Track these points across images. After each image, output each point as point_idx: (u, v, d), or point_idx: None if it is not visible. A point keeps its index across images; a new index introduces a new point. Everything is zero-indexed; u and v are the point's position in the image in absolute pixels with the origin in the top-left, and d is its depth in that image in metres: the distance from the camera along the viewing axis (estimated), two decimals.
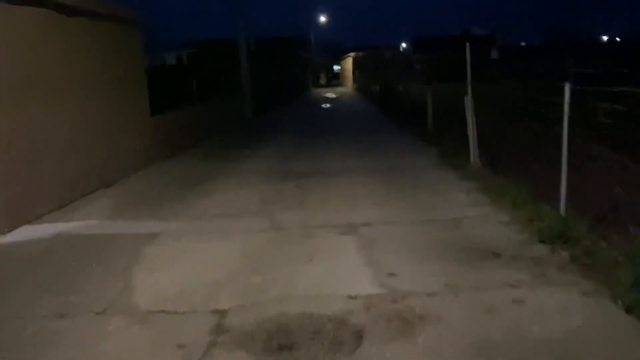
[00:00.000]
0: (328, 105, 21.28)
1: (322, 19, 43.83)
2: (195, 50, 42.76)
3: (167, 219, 4.56)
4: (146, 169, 6.94)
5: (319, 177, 6.12)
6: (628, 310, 2.54)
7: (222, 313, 2.71)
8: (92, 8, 5.76)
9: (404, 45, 55.76)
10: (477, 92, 6.17)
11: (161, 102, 8.33)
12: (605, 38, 55.39)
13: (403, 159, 7.12)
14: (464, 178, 5.62)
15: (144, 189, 5.88)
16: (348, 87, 41.21)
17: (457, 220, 4.14)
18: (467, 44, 5.94)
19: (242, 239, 3.96)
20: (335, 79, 52.62)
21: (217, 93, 11.97)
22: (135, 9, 7.08)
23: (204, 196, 5.35)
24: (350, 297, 2.82)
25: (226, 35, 24.41)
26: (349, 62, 45.00)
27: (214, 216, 4.64)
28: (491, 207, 4.49)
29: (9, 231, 4.28)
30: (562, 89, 3.81)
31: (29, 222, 4.52)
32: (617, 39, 51.85)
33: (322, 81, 51.33)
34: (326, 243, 3.77)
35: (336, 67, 54.48)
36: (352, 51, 44.66)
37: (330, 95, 30.26)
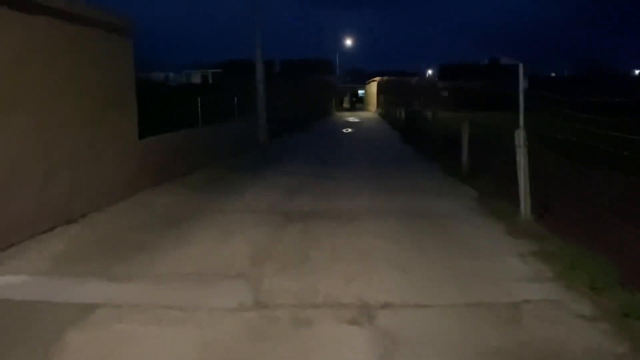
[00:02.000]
0: (350, 130, 20.20)
1: (348, 42, 43.03)
2: (221, 70, 42.47)
3: (119, 280, 3.42)
4: (128, 200, 5.87)
5: (329, 221, 4.95)
6: None
7: None
8: (52, 5, 4.73)
9: (429, 72, 54.76)
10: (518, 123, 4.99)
11: (161, 124, 7.34)
12: (637, 72, 53.79)
13: (433, 200, 5.92)
14: (514, 234, 4.40)
15: (112, 228, 4.76)
16: (372, 111, 40.26)
17: (515, 307, 2.92)
18: (520, 65, 4.76)
19: (208, 323, 2.79)
20: (359, 103, 51.70)
21: (231, 115, 10.99)
22: (126, 14, 6.08)
23: (181, 244, 4.21)
24: None
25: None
26: (373, 87, 44.14)
27: (182, 278, 3.47)
28: (559, 286, 3.25)
29: None
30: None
31: None
32: None
33: (346, 105, 50.44)
34: (327, 341, 2.58)
35: (360, 92, 53.64)
36: (377, 76, 43.82)
37: (353, 119, 29.20)
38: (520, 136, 4.77)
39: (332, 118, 31.11)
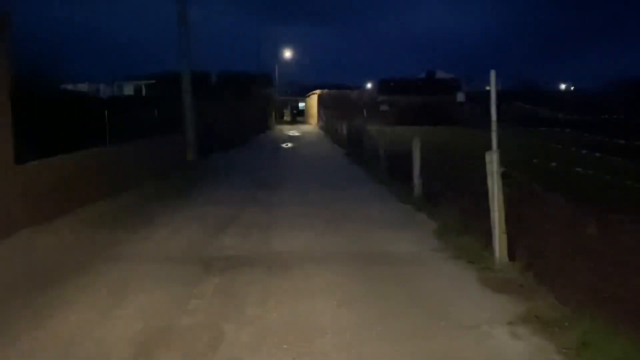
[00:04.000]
0: (289, 145, 19.15)
1: (287, 54, 42.08)
2: (154, 81, 40.26)
3: None
4: None
5: (259, 273, 3.84)
6: None
7: None
8: None
9: (369, 85, 54.60)
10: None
11: (67, 142, 6.03)
12: (562, 86, 56.06)
13: (386, 236, 4.94)
14: (491, 286, 3.46)
15: None
16: (313, 124, 39.38)
17: None
18: (493, 72, 3.87)
19: None
20: (300, 116, 50.73)
21: (156, 130, 9.67)
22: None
23: (42, 320, 2.97)
24: None
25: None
26: (314, 100, 43.36)
27: None
28: None
29: None
30: None
31: None
32: (572, 87, 52.66)
33: (287, 118, 49.33)
34: None
35: (301, 104, 52.71)
36: (318, 88, 43.07)
37: (294, 133, 28.15)
38: (493, 160, 3.86)
39: (272, 132, 30.01)
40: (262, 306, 3.20)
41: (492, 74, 3.90)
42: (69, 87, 15.03)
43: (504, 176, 3.90)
